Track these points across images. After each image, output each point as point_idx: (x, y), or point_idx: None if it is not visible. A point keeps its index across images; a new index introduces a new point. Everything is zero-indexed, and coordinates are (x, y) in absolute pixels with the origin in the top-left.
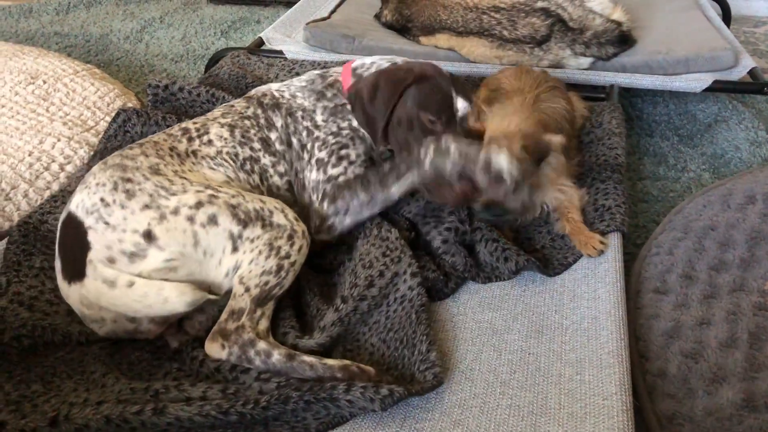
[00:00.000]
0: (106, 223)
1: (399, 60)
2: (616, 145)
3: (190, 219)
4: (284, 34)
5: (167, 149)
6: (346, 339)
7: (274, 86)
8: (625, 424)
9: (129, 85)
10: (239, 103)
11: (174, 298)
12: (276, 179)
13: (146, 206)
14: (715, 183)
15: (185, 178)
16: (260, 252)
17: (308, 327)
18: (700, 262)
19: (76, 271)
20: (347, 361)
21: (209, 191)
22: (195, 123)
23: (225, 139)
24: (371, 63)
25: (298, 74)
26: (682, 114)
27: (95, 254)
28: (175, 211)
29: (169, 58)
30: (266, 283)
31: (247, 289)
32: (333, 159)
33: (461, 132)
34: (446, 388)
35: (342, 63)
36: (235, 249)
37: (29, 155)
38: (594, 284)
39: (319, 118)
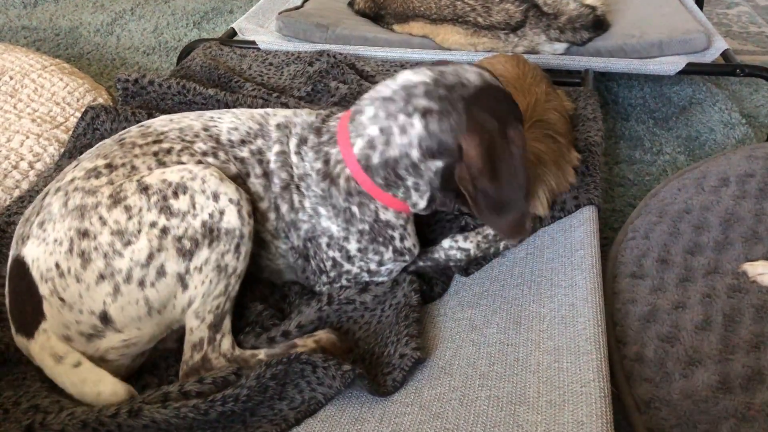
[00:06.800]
0: (62, 300)
1: (392, 88)
2: (590, 128)
3: (141, 283)
4: (257, 24)
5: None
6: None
7: (294, 161)
8: (603, 411)
9: (100, 79)
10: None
11: (106, 395)
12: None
13: (101, 277)
14: (689, 166)
15: (145, 191)
16: (211, 281)
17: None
18: (676, 246)
19: (26, 329)
20: (312, 345)
21: (162, 220)
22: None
23: None
24: (365, 128)
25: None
26: (657, 97)
27: (51, 327)
28: (128, 278)
29: (141, 50)
30: (218, 306)
31: (202, 320)
32: (353, 287)
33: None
34: (425, 384)
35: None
36: (185, 287)
37: None
38: (571, 272)
39: (353, 247)
